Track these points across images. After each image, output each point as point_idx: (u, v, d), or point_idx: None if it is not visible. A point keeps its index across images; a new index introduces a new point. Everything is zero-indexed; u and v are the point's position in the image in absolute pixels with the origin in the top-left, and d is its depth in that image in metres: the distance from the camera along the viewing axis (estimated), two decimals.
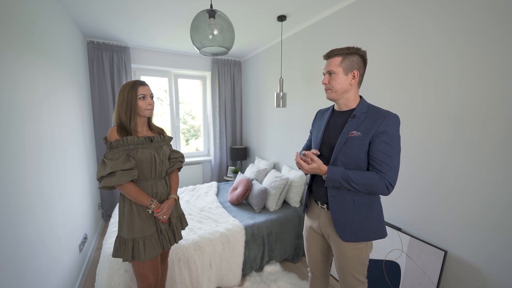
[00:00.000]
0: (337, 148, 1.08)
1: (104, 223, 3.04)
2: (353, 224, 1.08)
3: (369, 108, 1.08)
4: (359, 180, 1.01)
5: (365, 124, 1.04)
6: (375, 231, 1.10)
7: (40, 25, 1.52)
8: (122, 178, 1.14)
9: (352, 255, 1.11)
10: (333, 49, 1.08)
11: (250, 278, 1.96)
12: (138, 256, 1.19)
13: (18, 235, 1.12)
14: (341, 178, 1.02)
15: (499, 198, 1.20)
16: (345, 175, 1.02)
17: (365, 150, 1.04)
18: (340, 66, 1.06)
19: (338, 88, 1.08)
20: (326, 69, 1.10)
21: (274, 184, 2.37)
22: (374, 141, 1.01)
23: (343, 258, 1.13)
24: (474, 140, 1.28)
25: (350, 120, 1.08)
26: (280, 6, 2.03)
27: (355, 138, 1.04)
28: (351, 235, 1.09)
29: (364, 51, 1.07)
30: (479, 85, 1.24)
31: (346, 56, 1.05)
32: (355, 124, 1.06)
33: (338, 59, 1.06)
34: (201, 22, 1.36)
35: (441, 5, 1.37)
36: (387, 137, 1.00)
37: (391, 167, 0.99)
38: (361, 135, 1.03)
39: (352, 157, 1.05)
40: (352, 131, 1.05)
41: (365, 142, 1.03)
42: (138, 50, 3.21)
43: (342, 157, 1.07)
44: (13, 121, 1.14)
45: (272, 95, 3.03)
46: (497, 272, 1.23)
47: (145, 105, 1.24)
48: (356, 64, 1.06)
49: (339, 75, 1.07)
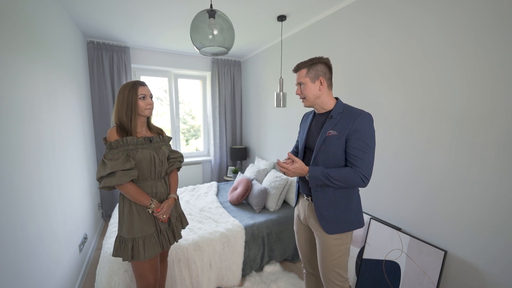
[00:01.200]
0: (317, 147, 1.18)
1: (104, 223, 3.04)
2: (334, 216, 1.17)
3: (345, 108, 1.18)
4: (337, 176, 1.10)
5: (341, 123, 1.14)
6: (354, 221, 1.20)
7: (40, 25, 1.52)
8: (122, 178, 1.14)
9: (333, 245, 1.19)
10: (298, 63, 1.21)
11: (250, 278, 1.96)
12: (138, 256, 1.20)
13: (18, 235, 1.12)
14: (322, 176, 1.11)
15: (501, 200, 1.20)
16: (324, 173, 1.11)
17: (342, 147, 1.13)
18: (307, 77, 1.18)
19: (310, 96, 1.19)
20: (296, 81, 1.23)
21: (274, 184, 2.37)
22: (349, 138, 1.11)
23: (325, 248, 1.21)
24: (477, 141, 1.27)
25: (328, 121, 1.18)
26: (280, 6, 2.03)
27: (332, 137, 1.14)
28: (334, 227, 1.18)
29: (327, 58, 1.19)
30: (481, 86, 1.24)
31: (310, 67, 1.17)
32: (332, 124, 1.16)
33: (304, 71, 1.19)
34: (201, 22, 1.36)
35: (442, 5, 1.37)
36: (360, 134, 1.09)
37: (365, 161, 1.09)
38: (337, 134, 1.13)
39: (330, 154, 1.15)
40: (329, 131, 1.15)
41: (341, 140, 1.12)
42: (138, 50, 3.21)
43: (322, 155, 1.17)
44: (13, 121, 1.14)
45: (272, 95, 3.03)
46: (497, 273, 1.22)
47: (145, 105, 1.25)
48: (321, 72, 1.17)
49: (308, 84, 1.18)
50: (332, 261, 1.20)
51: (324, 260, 1.23)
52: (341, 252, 1.20)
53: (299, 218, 1.38)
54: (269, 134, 3.25)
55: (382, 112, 1.73)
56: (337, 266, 1.21)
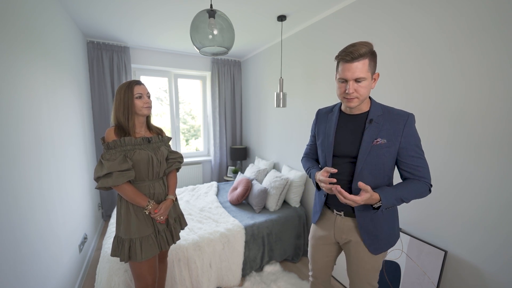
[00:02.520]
0: (361, 159, 0.98)
1: (104, 223, 3.04)
2: (381, 234, 1.04)
3: (384, 109, 1.00)
4: (412, 196, 0.95)
5: (387, 129, 0.96)
6: (396, 235, 1.09)
7: (40, 25, 1.52)
8: (119, 179, 1.14)
9: (372, 262, 1.08)
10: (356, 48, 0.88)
11: (250, 278, 1.96)
12: (135, 257, 1.19)
13: (18, 235, 1.12)
14: (396, 201, 0.94)
15: (498, 198, 1.20)
16: (398, 197, 0.94)
17: (393, 156, 0.97)
18: (369, 71, 0.91)
19: (366, 96, 0.94)
20: (353, 75, 0.90)
21: (274, 184, 2.37)
22: (404, 147, 0.95)
23: (363, 266, 1.09)
24: (474, 140, 1.28)
25: (368, 126, 0.97)
26: (280, 6, 2.03)
27: (381, 146, 0.96)
28: (381, 245, 1.05)
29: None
30: (479, 85, 1.24)
31: (373, 56, 0.91)
32: (376, 130, 0.96)
33: (366, 62, 0.90)
34: (201, 22, 1.36)
35: (441, 5, 1.37)
36: (414, 139, 0.96)
37: (425, 168, 0.97)
38: (387, 142, 0.95)
39: (379, 166, 0.98)
40: (376, 139, 0.96)
41: (392, 149, 0.96)
42: (138, 50, 3.21)
43: (368, 167, 0.98)
44: (13, 121, 1.14)
45: (272, 95, 3.03)
46: (497, 272, 1.23)
47: (142, 103, 1.24)
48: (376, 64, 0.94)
49: (368, 81, 0.92)
50: (366, 275, 1.10)
51: (358, 275, 1.11)
52: (377, 267, 1.10)
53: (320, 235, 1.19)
54: (269, 134, 3.25)
55: None
56: (371, 278, 1.10)
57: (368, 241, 1.04)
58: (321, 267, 1.26)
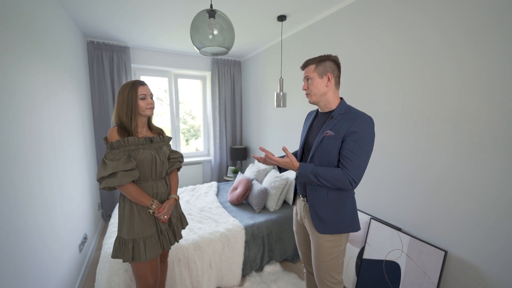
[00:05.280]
0: (314, 146, 1.18)
1: (104, 223, 3.04)
2: (327, 217, 1.17)
3: (347, 109, 1.16)
4: (326, 176, 1.09)
5: (340, 124, 1.12)
6: (348, 224, 1.19)
7: (40, 26, 1.52)
8: (124, 179, 1.14)
9: (327, 246, 1.19)
10: (307, 60, 1.20)
11: (250, 278, 1.96)
12: (139, 257, 1.19)
13: (18, 234, 1.12)
14: (311, 174, 1.11)
15: (499, 198, 1.20)
16: (314, 171, 1.11)
17: (337, 148, 1.12)
18: (315, 72, 1.16)
19: (316, 92, 1.17)
20: (304, 76, 1.21)
21: (274, 184, 2.37)
22: (345, 140, 1.10)
23: (319, 249, 1.21)
24: (475, 141, 1.28)
25: (328, 121, 1.17)
26: (280, 6, 2.03)
27: (329, 137, 1.13)
28: (326, 227, 1.18)
29: (335, 56, 1.17)
30: (478, 86, 1.24)
31: (319, 63, 1.16)
32: (331, 124, 1.15)
33: (312, 66, 1.17)
34: (201, 22, 1.36)
35: (440, 6, 1.37)
36: (356, 136, 1.07)
37: (356, 164, 1.07)
38: (334, 135, 1.12)
39: (325, 154, 1.15)
40: (327, 131, 1.14)
41: (337, 140, 1.11)
42: (138, 50, 3.21)
43: (318, 154, 1.17)
44: (14, 121, 1.14)
45: (272, 95, 3.03)
46: (497, 272, 1.23)
47: (146, 104, 1.24)
48: (329, 68, 1.15)
49: (315, 79, 1.16)
50: (325, 262, 1.20)
51: (317, 260, 1.23)
52: (334, 254, 1.20)
53: (295, 218, 1.39)
54: (269, 134, 3.25)
55: (382, 112, 1.73)
56: (331, 268, 1.21)
57: (315, 220, 1.19)
58: (304, 252, 1.43)
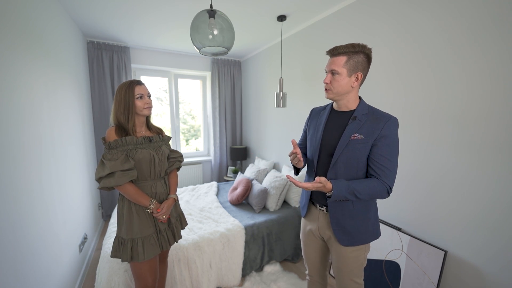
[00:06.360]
0: (338, 151, 1.04)
1: (104, 223, 3.04)
2: (351, 228, 1.07)
3: (369, 110, 1.06)
4: (365, 191, 0.98)
5: (367, 126, 1.01)
6: (371, 233, 1.11)
7: (40, 25, 1.52)
8: (121, 179, 1.14)
9: (351, 257, 1.11)
10: (338, 46, 1.00)
11: (250, 278, 1.96)
12: (137, 257, 1.19)
13: (18, 235, 1.12)
14: (348, 193, 0.98)
15: (500, 199, 1.20)
16: (351, 189, 0.97)
17: (367, 153, 1.02)
18: (345, 67, 1.00)
19: (340, 90, 1.03)
20: (329, 67, 1.03)
21: (274, 184, 2.37)
22: (376, 144, 0.99)
23: (342, 261, 1.13)
24: (476, 141, 1.27)
25: (351, 122, 1.04)
26: (280, 6, 2.03)
27: (357, 141, 1.01)
28: (350, 239, 1.08)
29: (370, 49, 1.01)
30: (481, 86, 1.24)
31: (352, 56, 0.99)
32: (357, 126, 1.02)
33: (343, 59, 1.00)
34: (201, 22, 1.36)
35: (442, 5, 1.37)
36: (389, 140, 0.99)
37: (391, 171, 0.99)
38: (364, 138, 1.00)
39: (353, 159, 1.03)
40: (354, 134, 1.02)
41: (367, 145, 1.00)
42: (138, 50, 3.21)
43: (343, 160, 1.04)
44: (13, 121, 1.14)
45: (272, 95, 3.03)
46: (497, 273, 1.23)
47: (143, 104, 1.23)
48: (361, 65, 1.00)
49: (343, 76, 1.01)
50: (349, 272, 1.13)
51: (341, 271, 1.15)
52: (359, 263, 1.12)
53: (308, 229, 1.24)
54: (269, 134, 3.25)
55: None
56: (354, 275, 1.13)
57: (339, 234, 1.09)
58: (314, 263, 1.30)
